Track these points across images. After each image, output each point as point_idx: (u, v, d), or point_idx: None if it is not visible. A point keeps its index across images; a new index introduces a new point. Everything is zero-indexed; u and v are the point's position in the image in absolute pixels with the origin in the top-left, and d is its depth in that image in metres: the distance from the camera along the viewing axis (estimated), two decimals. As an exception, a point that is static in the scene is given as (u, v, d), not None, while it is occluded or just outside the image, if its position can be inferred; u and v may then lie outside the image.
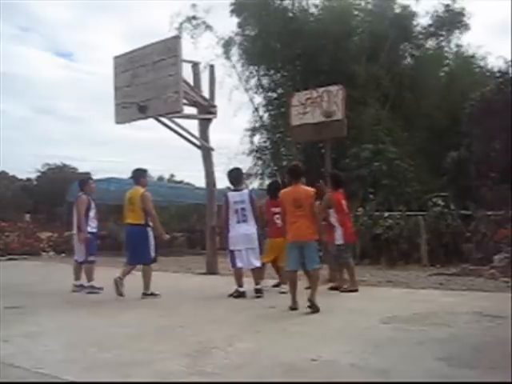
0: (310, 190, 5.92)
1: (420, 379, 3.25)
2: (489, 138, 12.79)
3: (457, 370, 3.41)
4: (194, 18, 18.58)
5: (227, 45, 19.31)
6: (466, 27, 18.77)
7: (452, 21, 18.60)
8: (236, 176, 7.14)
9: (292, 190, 5.90)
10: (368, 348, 3.99)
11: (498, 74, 15.24)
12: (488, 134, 12.68)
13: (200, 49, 16.75)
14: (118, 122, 9.89)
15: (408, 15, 18.56)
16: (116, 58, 9.77)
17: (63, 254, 15.72)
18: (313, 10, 18.99)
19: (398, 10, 18.75)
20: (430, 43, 19.47)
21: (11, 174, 31.74)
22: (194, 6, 18.75)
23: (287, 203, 5.85)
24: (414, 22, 18.86)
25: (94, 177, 27.46)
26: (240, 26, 19.21)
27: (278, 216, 6.80)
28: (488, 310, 5.37)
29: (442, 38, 19.28)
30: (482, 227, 10.87)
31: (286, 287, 6.58)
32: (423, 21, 19.01)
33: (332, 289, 7.07)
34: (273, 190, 7.26)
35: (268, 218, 7.27)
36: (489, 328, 4.64)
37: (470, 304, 5.63)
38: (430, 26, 18.96)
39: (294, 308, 5.62)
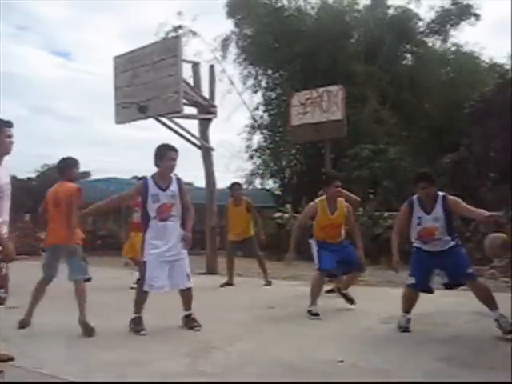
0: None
1: (420, 379, 3.25)
2: (488, 137, 12.78)
3: (457, 369, 3.41)
4: (180, 27, 18.44)
5: (224, 45, 19.27)
6: (477, 18, 18.38)
7: (460, 13, 18.29)
8: None
9: None
10: (368, 348, 4.00)
11: (497, 75, 15.25)
12: (488, 134, 12.67)
13: (189, 56, 16.46)
14: (118, 122, 9.90)
15: (407, 15, 18.50)
16: (116, 57, 9.78)
17: (63, 254, 15.71)
18: (310, 10, 19.00)
19: (394, 12, 18.70)
20: (432, 40, 19.35)
21: (11, 174, 31.80)
22: (179, 14, 18.70)
23: None
24: (414, 21, 18.74)
25: (94, 177, 27.31)
26: (237, 25, 19.17)
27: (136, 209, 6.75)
28: (488, 309, 5.37)
29: (443, 35, 19.03)
30: (482, 227, 10.86)
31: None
32: (427, 16, 18.85)
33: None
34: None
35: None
36: (489, 328, 4.64)
37: (470, 304, 5.61)
38: (432, 21, 18.78)
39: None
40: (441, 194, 4.52)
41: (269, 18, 17.71)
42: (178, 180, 4.76)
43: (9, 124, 3.49)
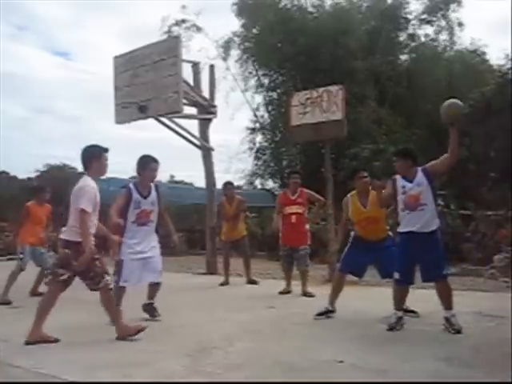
0: None
1: (420, 379, 3.25)
2: (489, 137, 12.78)
3: (457, 369, 3.41)
4: (183, 21, 18.42)
5: (227, 46, 19.27)
6: (459, 3, 18.35)
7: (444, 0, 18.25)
8: None
9: None
10: (368, 348, 4.00)
11: (497, 75, 15.23)
12: (488, 134, 12.67)
13: (192, 51, 16.43)
14: (118, 122, 9.90)
15: (399, 5, 18.47)
16: (116, 57, 9.78)
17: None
18: (311, 8, 19.00)
19: (389, 1, 18.65)
20: (425, 32, 19.30)
21: (12, 174, 31.80)
22: (183, 7, 18.62)
23: None
24: (406, 11, 18.71)
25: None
26: (243, 26, 19.18)
27: None
28: (488, 310, 5.38)
29: (435, 26, 18.92)
30: (482, 227, 10.87)
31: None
32: (415, 7, 18.81)
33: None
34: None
35: None
36: (489, 328, 4.65)
37: (470, 304, 5.63)
38: (422, 13, 18.74)
39: None
40: (420, 168, 4.71)
41: (274, 17, 17.70)
42: (157, 187, 5.24)
43: (106, 150, 4.41)
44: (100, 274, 4.27)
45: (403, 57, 19.55)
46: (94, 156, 4.39)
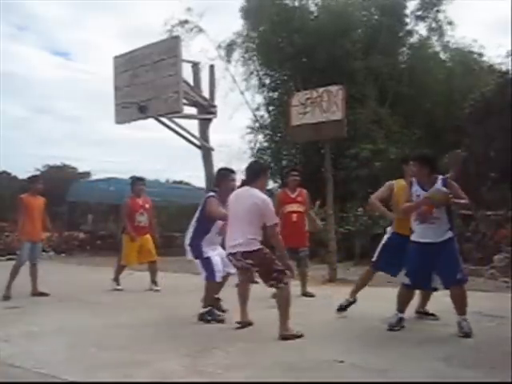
0: None
1: (420, 379, 3.25)
2: (488, 137, 12.77)
3: (457, 369, 3.41)
4: (186, 21, 18.50)
5: (230, 47, 19.28)
6: None
7: None
8: None
9: None
10: (368, 348, 4.00)
11: (497, 75, 15.23)
12: (488, 134, 12.66)
13: (193, 52, 16.42)
14: (118, 122, 9.90)
15: (397, 2, 18.43)
16: (116, 57, 9.79)
17: (63, 254, 15.73)
18: (313, 8, 18.99)
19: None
20: (422, 29, 19.25)
21: (13, 174, 31.81)
22: (188, 9, 18.67)
23: None
24: (404, 6, 18.66)
25: (94, 177, 27.09)
26: (246, 25, 19.19)
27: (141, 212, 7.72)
28: (488, 310, 5.38)
29: (429, 21, 18.82)
30: (482, 227, 10.87)
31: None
32: (412, 3, 18.77)
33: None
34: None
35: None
36: (489, 328, 4.65)
37: (470, 304, 5.61)
38: (417, 9, 18.70)
39: None
40: (441, 176, 4.52)
41: (277, 16, 17.69)
42: None
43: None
44: (282, 273, 4.55)
45: (403, 55, 19.53)
46: (263, 170, 4.85)
